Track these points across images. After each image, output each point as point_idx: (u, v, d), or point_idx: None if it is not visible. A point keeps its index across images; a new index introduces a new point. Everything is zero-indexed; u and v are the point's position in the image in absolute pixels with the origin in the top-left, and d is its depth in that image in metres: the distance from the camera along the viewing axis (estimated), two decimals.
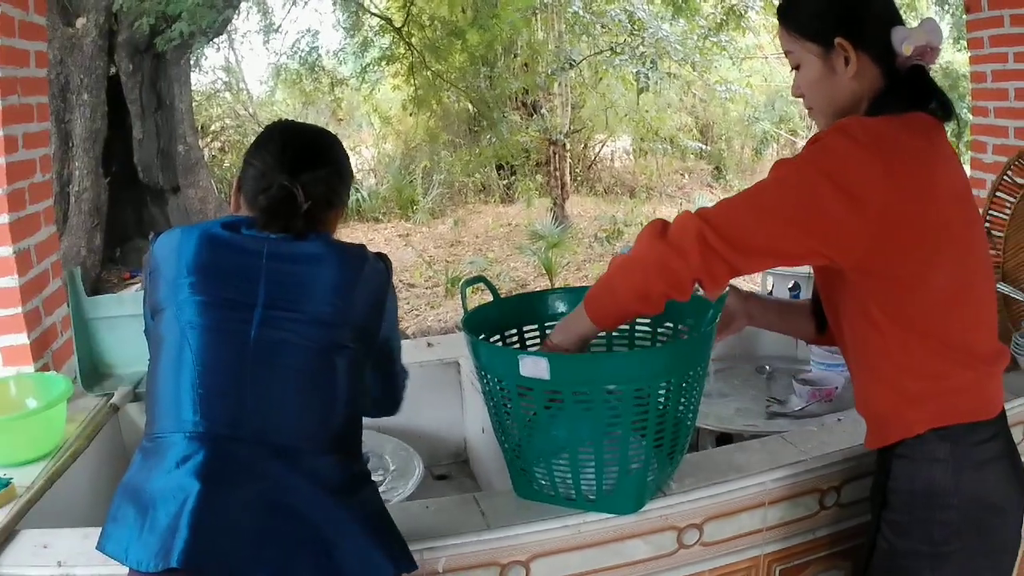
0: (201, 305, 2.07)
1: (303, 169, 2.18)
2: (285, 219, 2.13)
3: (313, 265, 2.15)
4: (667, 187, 20.77)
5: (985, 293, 2.25)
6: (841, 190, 1.97)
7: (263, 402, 2.03)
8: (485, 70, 16.37)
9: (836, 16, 2.16)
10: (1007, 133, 4.35)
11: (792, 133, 22.28)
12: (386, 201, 18.68)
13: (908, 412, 2.20)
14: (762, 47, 19.84)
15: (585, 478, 2.24)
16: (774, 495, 2.53)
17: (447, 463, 3.64)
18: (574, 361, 2.18)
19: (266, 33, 17.00)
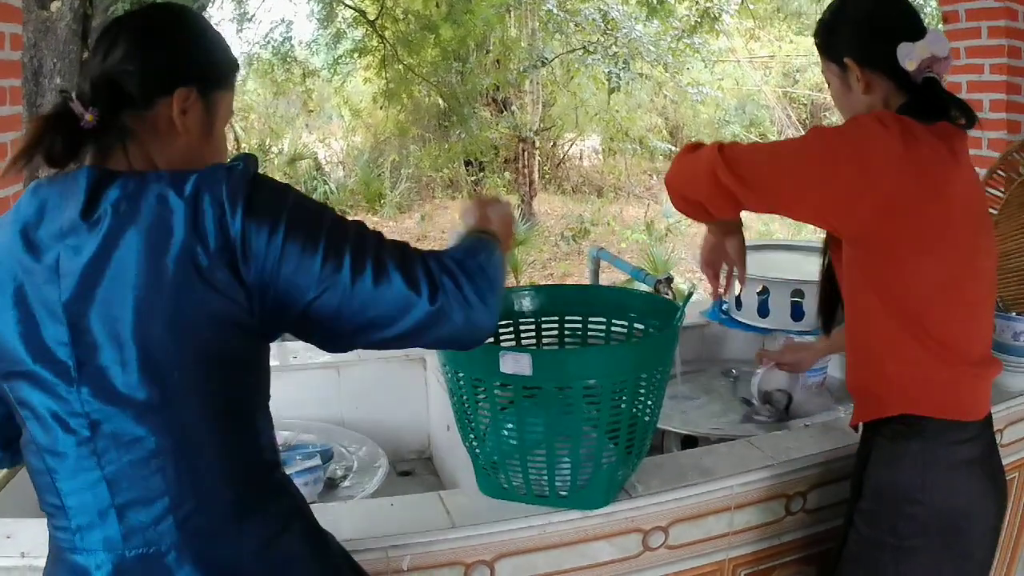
0: (16, 398, 1.54)
1: (96, 56, 1.58)
2: (48, 141, 1.48)
3: (121, 257, 1.46)
4: (635, 187, 20.83)
5: (978, 300, 2.30)
6: (861, 159, 2.11)
7: (145, 506, 1.53)
8: (457, 65, 16.41)
9: (842, 38, 2.32)
10: (981, 144, 4.40)
11: (762, 137, 22.33)
12: (354, 194, 18.71)
13: (884, 392, 2.30)
14: (735, 51, 19.93)
15: (560, 474, 2.22)
16: (741, 499, 2.52)
17: (411, 459, 3.60)
18: (557, 356, 2.18)
19: (240, 22, 16.93)
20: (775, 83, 22.07)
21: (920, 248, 2.16)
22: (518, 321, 2.63)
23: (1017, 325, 3.13)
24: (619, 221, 17.99)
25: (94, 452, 1.51)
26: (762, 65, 21.94)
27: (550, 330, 2.65)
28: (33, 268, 1.49)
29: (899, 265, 2.18)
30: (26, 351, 1.50)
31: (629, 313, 2.57)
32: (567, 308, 2.65)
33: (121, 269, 1.45)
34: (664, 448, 3.15)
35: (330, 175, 19.26)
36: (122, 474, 1.52)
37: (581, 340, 2.65)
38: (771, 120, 22.21)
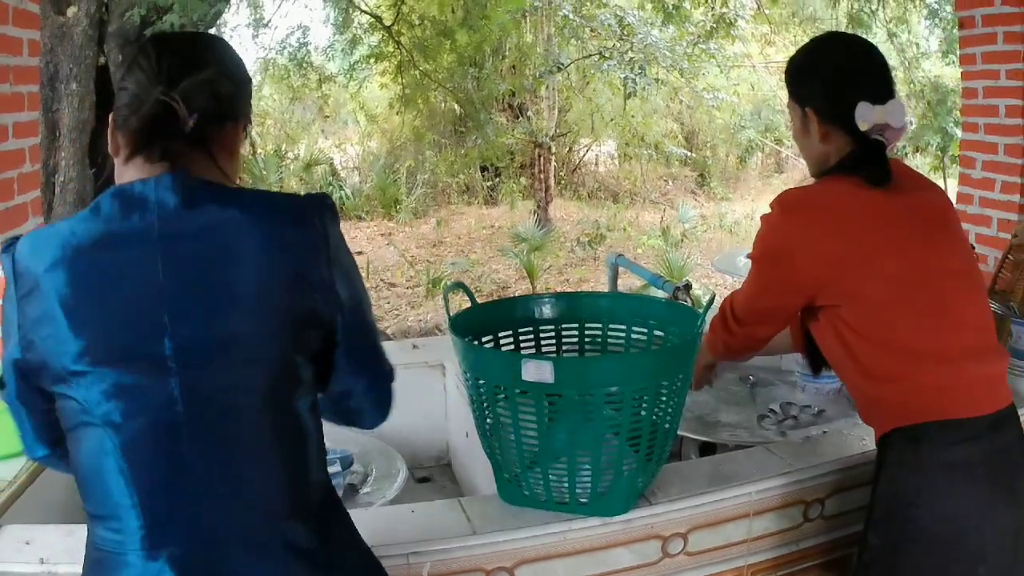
0: (102, 385, 1.59)
1: (182, 75, 1.67)
2: (163, 141, 1.65)
3: (225, 258, 1.63)
4: (651, 193, 20.82)
5: (944, 297, 2.33)
6: (777, 257, 2.39)
7: (219, 488, 1.63)
8: (473, 71, 16.36)
9: (808, 89, 2.48)
10: (997, 150, 4.38)
11: (777, 142, 22.36)
12: (369, 199, 18.72)
13: (875, 413, 2.41)
14: (750, 56, 19.87)
15: (581, 481, 2.23)
16: (759, 506, 2.53)
17: (429, 466, 3.62)
18: (579, 363, 2.21)
19: (256, 28, 16.80)
20: None
21: (859, 277, 2.30)
22: (538, 328, 2.65)
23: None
24: (635, 227, 17.96)
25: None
26: (778, 70, 21.84)
27: (570, 337, 2.67)
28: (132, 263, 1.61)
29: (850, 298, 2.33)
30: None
31: (649, 320, 2.59)
32: (587, 315, 2.67)
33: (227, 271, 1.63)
34: (682, 455, 3.15)
35: (346, 180, 19.29)
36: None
37: (601, 347, 2.66)
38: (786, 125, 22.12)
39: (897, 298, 2.29)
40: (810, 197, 2.43)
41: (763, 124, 21.82)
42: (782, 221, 2.38)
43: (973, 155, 4.53)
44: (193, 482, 1.61)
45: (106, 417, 1.59)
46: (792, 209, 2.38)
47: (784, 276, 2.39)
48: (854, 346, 2.35)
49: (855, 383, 2.44)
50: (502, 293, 14.09)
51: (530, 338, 2.65)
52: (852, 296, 2.31)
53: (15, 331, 1.64)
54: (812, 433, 2.96)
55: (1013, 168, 4.31)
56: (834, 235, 2.31)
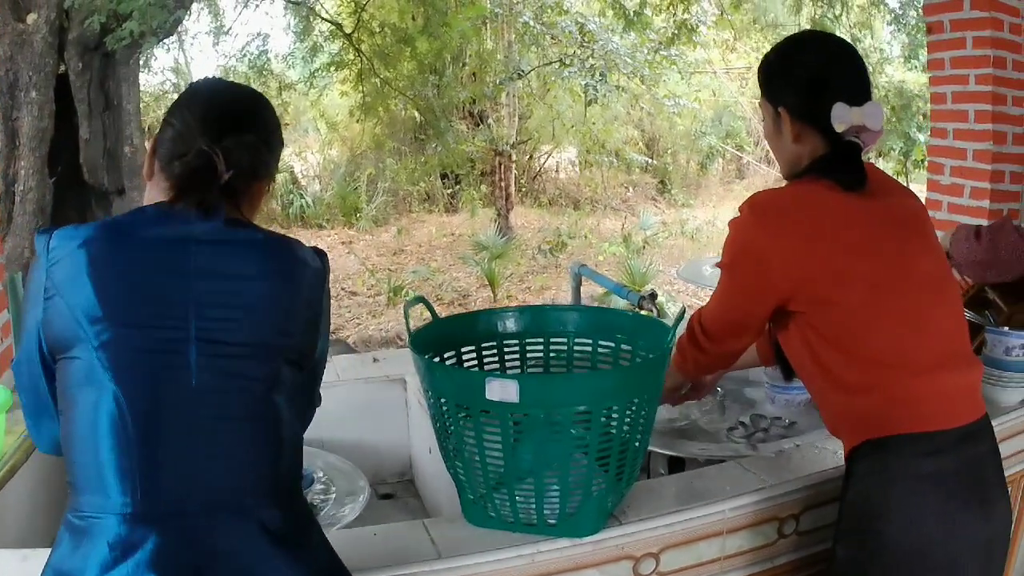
0: (118, 346, 1.73)
1: (227, 132, 1.87)
2: (201, 192, 1.82)
3: (247, 271, 1.86)
4: (612, 200, 20.89)
5: (912, 305, 2.28)
6: (748, 261, 2.33)
7: (212, 464, 1.76)
8: (433, 79, 16.34)
9: (781, 88, 2.41)
10: (966, 155, 4.37)
11: (738, 148, 22.44)
12: (330, 208, 18.70)
13: (843, 425, 2.36)
14: (711, 62, 19.94)
15: (549, 502, 2.15)
16: (733, 523, 2.46)
17: (392, 482, 3.54)
18: (545, 382, 2.15)
19: (216, 35, 16.93)
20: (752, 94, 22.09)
21: (830, 284, 2.25)
22: (502, 343, 2.57)
23: (1009, 340, 3.07)
24: (596, 234, 18.01)
25: None
26: (739, 76, 21.96)
27: (535, 352, 2.59)
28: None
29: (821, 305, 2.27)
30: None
31: (615, 334, 2.52)
32: (552, 329, 2.59)
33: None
34: (651, 470, 3.08)
35: (306, 189, 19.24)
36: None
37: (567, 362, 2.59)
38: (747, 131, 22.29)
39: (868, 305, 2.24)
40: (782, 199, 2.36)
41: (724, 130, 21.95)
42: (753, 224, 2.32)
43: (941, 160, 4.52)
44: (183, 453, 1.72)
45: (114, 378, 1.70)
46: (763, 211, 2.32)
47: (756, 281, 2.33)
48: (822, 355, 2.30)
49: (823, 393, 2.40)
50: (463, 301, 14.14)
51: (494, 353, 2.57)
52: (822, 303, 2.26)
53: (40, 296, 1.77)
54: (784, 447, 2.88)
55: (982, 174, 4.31)
56: (806, 239, 2.25)
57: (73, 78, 10.56)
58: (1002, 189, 4.36)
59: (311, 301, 1.94)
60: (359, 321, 13.10)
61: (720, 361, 2.62)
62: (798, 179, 2.39)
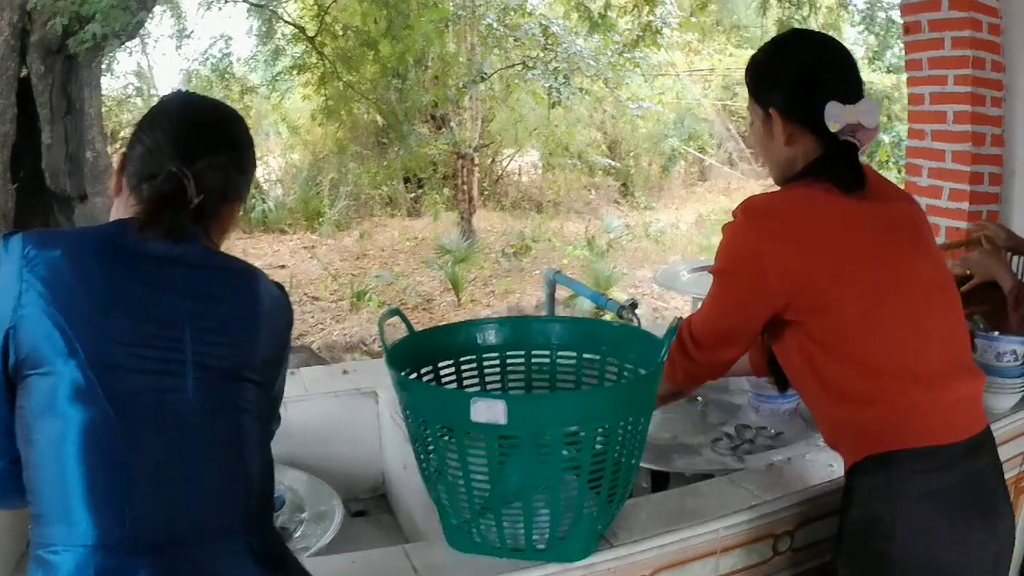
0: (110, 364, 1.62)
1: (199, 154, 1.81)
2: (170, 217, 1.74)
3: (230, 298, 1.82)
4: (575, 203, 20.90)
5: (913, 313, 2.21)
6: (744, 268, 2.23)
7: (200, 490, 1.69)
8: (396, 82, 16.32)
9: (771, 88, 2.33)
10: (944, 156, 4.34)
11: (700, 150, 22.49)
12: (292, 212, 18.63)
13: (844, 438, 2.27)
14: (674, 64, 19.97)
15: (538, 526, 2.04)
16: (727, 542, 2.37)
17: (365, 498, 3.42)
18: (535, 402, 2.04)
19: (179, 38, 16.87)
20: (715, 96, 22.15)
21: (835, 294, 2.17)
22: (482, 356, 2.45)
23: (1000, 345, 3.02)
24: (560, 237, 18.02)
25: None
26: (702, 78, 22.00)
27: (516, 365, 2.47)
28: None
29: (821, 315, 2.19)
30: None
31: (601, 346, 2.40)
32: (534, 341, 2.47)
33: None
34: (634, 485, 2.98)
35: (268, 193, 19.12)
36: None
37: (549, 376, 2.47)
38: (710, 133, 22.34)
39: (869, 313, 2.16)
40: (777, 204, 2.29)
41: (686, 132, 21.97)
42: (748, 229, 2.22)
43: (919, 162, 4.49)
44: (172, 479, 1.64)
45: (104, 398, 1.60)
46: (758, 217, 2.23)
47: (751, 289, 2.23)
48: (822, 365, 2.21)
49: (821, 405, 2.30)
50: (428, 306, 14.12)
51: (473, 367, 2.44)
52: (821, 311, 2.18)
53: (10, 303, 1.63)
54: (774, 459, 2.79)
55: (961, 175, 4.28)
56: (804, 244, 2.17)
57: (35, 81, 10.44)
58: (981, 191, 4.33)
59: (280, 332, 1.93)
60: (323, 326, 13.05)
61: (711, 371, 2.52)
62: (793, 183, 2.30)
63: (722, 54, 21.85)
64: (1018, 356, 3.02)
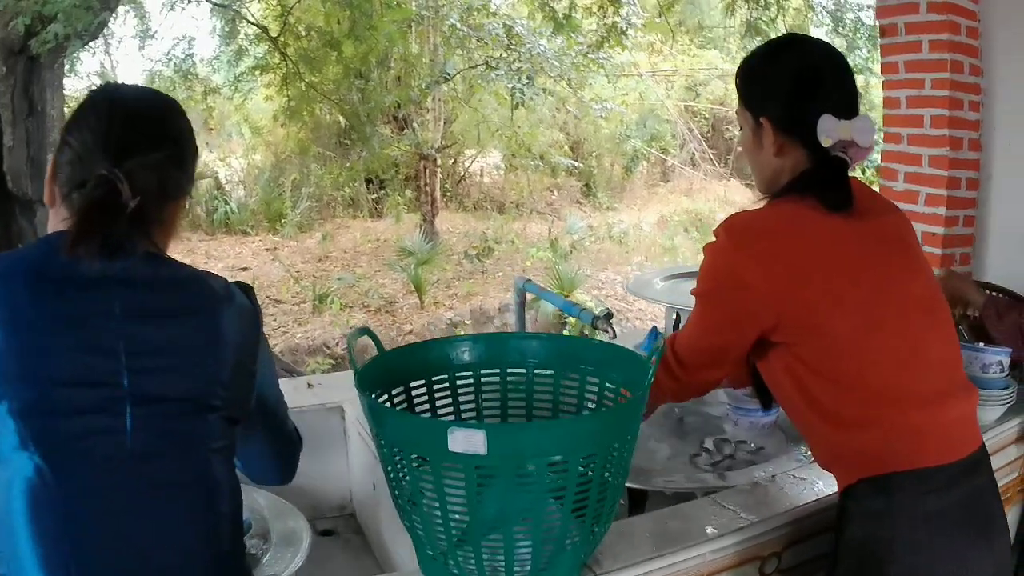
0: (39, 408, 1.51)
1: (131, 152, 1.66)
2: (105, 227, 1.59)
3: (175, 314, 1.66)
4: (537, 204, 20.96)
5: (909, 332, 2.15)
6: (728, 292, 2.15)
7: (151, 541, 1.56)
8: (359, 83, 16.29)
9: (764, 96, 2.24)
10: (921, 161, 4.30)
11: (663, 151, 22.54)
12: (255, 213, 18.63)
13: (838, 461, 2.20)
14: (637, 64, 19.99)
15: (519, 557, 1.92)
16: (713, 566, 2.28)
17: (332, 516, 3.31)
18: (516, 432, 1.94)
19: (142, 39, 16.83)
20: (677, 97, 22.19)
21: (824, 312, 2.09)
22: (455, 375, 2.33)
23: (985, 356, 3.00)
24: (522, 238, 18.07)
25: None
26: (665, 79, 22.02)
27: (491, 385, 2.36)
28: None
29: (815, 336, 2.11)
30: None
31: (580, 365, 2.29)
32: (510, 359, 2.36)
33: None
34: None
35: (231, 194, 19.10)
36: None
37: (526, 395, 2.36)
38: (672, 134, 22.38)
39: (863, 334, 2.09)
40: (763, 221, 2.19)
41: (649, 133, 22.00)
42: (732, 248, 2.14)
43: (895, 167, 4.44)
44: (119, 531, 1.53)
45: (35, 449, 1.49)
46: (743, 235, 2.14)
47: (737, 311, 2.16)
48: (814, 388, 2.13)
49: (814, 428, 2.21)
50: (390, 308, 14.14)
51: (446, 387, 2.32)
52: (813, 333, 2.10)
53: None
54: (757, 476, 2.71)
55: (938, 180, 4.23)
56: (792, 264, 2.09)
57: None
58: (958, 196, 4.29)
59: (244, 345, 1.77)
60: (285, 329, 13.02)
61: (696, 390, 2.46)
62: (778, 198, 2.22)
63: (685, 55, 21.92)
64: (1004, 367, 3.00)
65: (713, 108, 22.44)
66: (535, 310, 12.72)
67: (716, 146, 23.28)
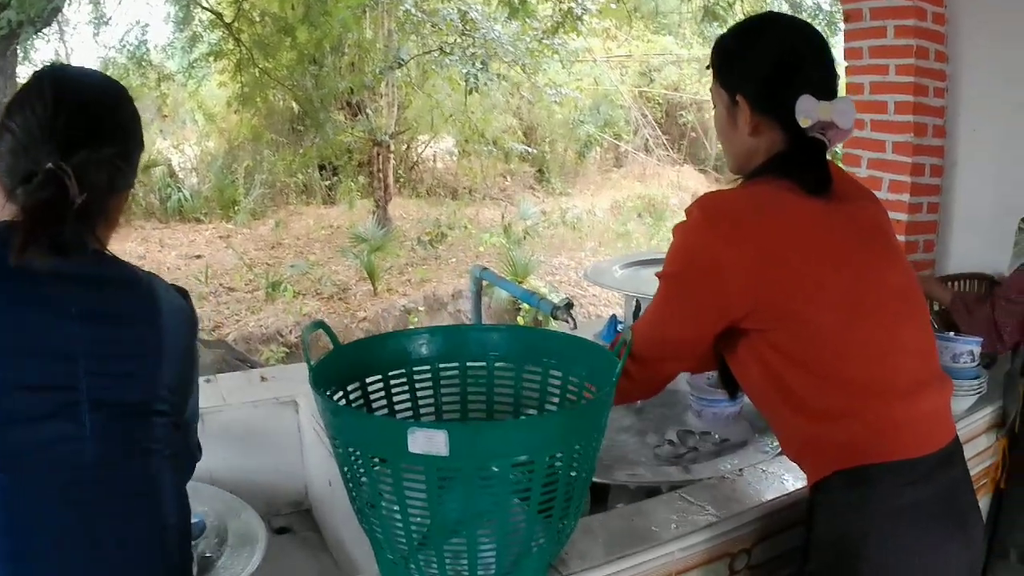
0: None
1: (79, 144, 1.56)
2: (53, 226, 1.49)
3: (128, 316, 1.59)
4: (490, 189, 20.99)
5: (887, 321, 2.08)
6: (700, 274, 2.04)
7: (105, 554, 1.48)
8: (312, 69, 16.24)
9: (739, 75, 2.17)
10: (884, 147, 4.31)
11: (616, 137, 22.55)
12: (208, 201, 18.49)
13: (810, 453, 2.12)
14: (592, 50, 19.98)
15: (483, 559, 1.84)
16: (682, 564, 2.21)
17: (287, 513, 3.22)
18: (479, 431, 1.80)
19: (97, 25, 16.75)
20: (631, 83, 22.19)
21: (804, 299, 2.01)
22: (412, 370, 2.24)
23: (956, 346, 2.98)
24: (476, 224, 18.07)
25: None
26: (619, 64, 22.01)
27: (449, 379, 2.28)
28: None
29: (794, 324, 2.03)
30: None
31: (543, 357, 2.21)
32: (470, 352, 2.28)
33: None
34: None
35: (184, 182, 18.93)
36: None
37: (486, 389, 2.28)
38: (626, 120, 22.39)
39: (845, 324, 2.01)
40: (739, 203, 2.09)
41: (602, 119, 22.00)
42: (706, 229, 2.03)
43: (858, 152, 4.46)
44: (74, 544, 1.46)
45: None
46: (719, 215, 2.04)
47: (708, 295, 2.05)
48: (787, 377, 2.05)
49: (786, 419, 2.13)
50: (343, 295, 14.10)
51: (403, 382, 2.24)
52: (791, 320, 2.01)
53: None
54: (722, 468, 2.65)
55: (902, 166, 4.23)
56: (769, 248, 2.00)
57: None
58: (922, 183, 4.30)
59: (186, 349, 1.72)
60: (238, 318, 12.93)
61: (646, 388, 2.33)
62: (754, 179, 2.14)
63: (640, 40, 21.92)
64: (975, 356, 2.98)
65: (667, 94, 22.48)
66: (489, 296, 12.69)
67: (670, 132, 23.32)
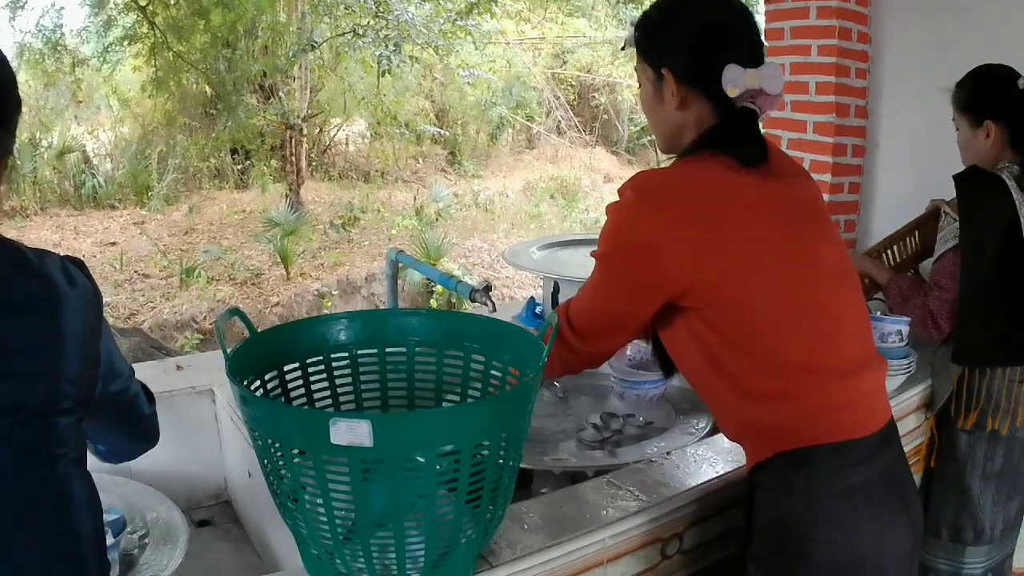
0: None
1: None
2: None
3: (9, 303, 1.41)
4: (402, 172, 21.04)
5: (826, 301, 2.06)
6: (635, 255, 2.01)
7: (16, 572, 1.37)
8: (226, 52, 16.14)
9: (665, 45, 2.12)
10: (805, 128, 4.34)
11: (528, 119, 22.60)
12: (122, 187, 18.27)
13: (750, 434, 2.12)
14: (505, 32, 19.99)
15: (412, 551, 1.78)
16: (614, 551, 2.18)
17: (208, 505, 3.14)
18: (403, 421, 1.77)
19: (12, 9, 16.48)
20: (544, 64, 22.22)
21: (738, 282, 1.98)
22: (330, 356, 2.17)
23: (884, 326, 3.01)
24: (388, 207, 18.11)
25: None
26: (532, 47, 22.03)
27: (368, 365, 2.21)
28: None
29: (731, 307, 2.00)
30: None
31: (464, 342, 2.16)
32: (389, 338, 2.21)
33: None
34: None
35: (98, 168, 18.66)
36: None
37: (407, 376, 2.22)
38: (538, 102, 22.43)
39: (781, 303, 1.99)
40: (673, 182, 2.05)
41: (514, 101, 22.02)
42: (640, 209, 2.00)
43: (778, 133, 4.48)
44: None
45: None
46: (652, 195, 2.01)
47: (643, 275, 2.02)
48: (725, 358, 2.03)
49: (724, 399, 2.12)
50: (256, 280, 14.06)
51: (321, 370, 2.16)
52: (727, 300, 1.99)
53: None
54: (649, 453, 2.61)
55: (823, 147, 4.27)
56: (705, 227, 1.97)
57: None
58: (844, 163, 4.33)
59: (87, 331, 1.54)
60: (153, 304, 12.84)
61: (591, 361, 2.32)
62: (688, 156, 2.10)
63: (553, 23, 21.95)
64: (903, 336, 3.00)
65: (580, 76, 22.55)
66: (403, 279, 12.65)
67: (582, 114, 23.40)
